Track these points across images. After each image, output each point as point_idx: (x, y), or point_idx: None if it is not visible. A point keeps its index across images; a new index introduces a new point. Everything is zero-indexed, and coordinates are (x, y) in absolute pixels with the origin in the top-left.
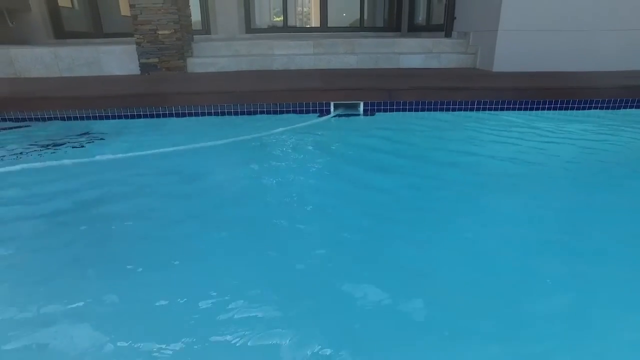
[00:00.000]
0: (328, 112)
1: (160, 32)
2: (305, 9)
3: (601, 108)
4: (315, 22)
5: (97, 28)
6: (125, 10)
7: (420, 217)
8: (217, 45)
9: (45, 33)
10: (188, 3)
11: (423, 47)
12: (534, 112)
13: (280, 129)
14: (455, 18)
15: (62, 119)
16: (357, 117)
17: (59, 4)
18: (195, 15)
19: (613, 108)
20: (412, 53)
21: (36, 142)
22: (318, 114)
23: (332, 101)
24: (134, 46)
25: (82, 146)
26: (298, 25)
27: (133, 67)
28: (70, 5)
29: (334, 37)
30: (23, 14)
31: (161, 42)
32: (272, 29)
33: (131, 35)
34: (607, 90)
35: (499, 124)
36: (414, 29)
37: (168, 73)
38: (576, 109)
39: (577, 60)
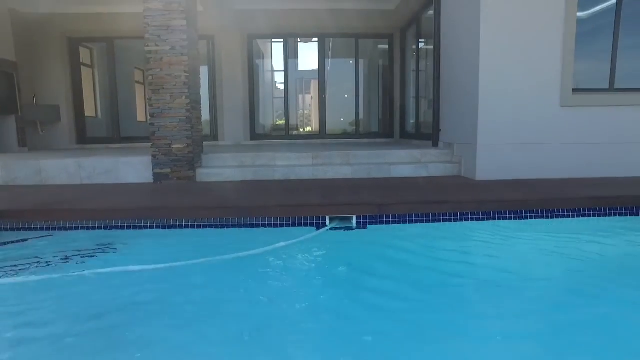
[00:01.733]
0: (324, 225)
1: (174, 146)
2: (306, 111)
3: (572, 217)
4: (315, 124)
5: (115, 133)
6: (141, 116)
7: (412, 321)
8: (224, 157)
9: (69, 139)
10: (200, 120)
11: (412, 157)
12: (513, 221)
13: (282, 244)
14: (440, 130)
15: (82, 228)
16: (350, 230)
17: (85, 114)
18: (205, 123)
19: (584, 216)
20: (402, 163)
21: (58, 251)
22: (315, 227)
23: (328, 215)
24: (150, 157)
25: (103, 254)
26: (299, 128)
27: (147, 175)
28: (94, 115)
29: (332, 145)
30: (53, 124)
31: (174, 155)
32: (275, 136)
33: (145, 138)
34: (577, 201)
35: (479, 233)
36: (406, 137)
37: (178, 182)
38: (549, 218)
39: (553, 169)
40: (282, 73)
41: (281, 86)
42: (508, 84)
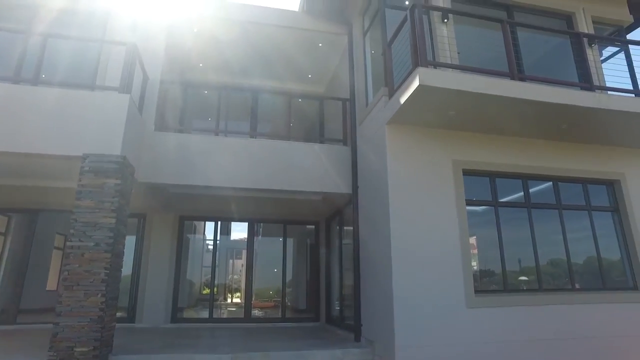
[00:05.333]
0: None
1: (77, 349)
2: (235, 276)
3: None
4: (243, 294)
5: (14, 308)
6: (52, 284)
7: None
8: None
9: None
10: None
11: (334, 357)
12: None
13: None
14: (362, 325)
15: None
16: None
17: None
18: (122, 296)
19: None
20: None
21: None
22: None
23: None
24: None
25: None
26: (227, 296)
27: None
28: None
29: (256, 331)
30: None
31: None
32: (198, 319)
33: (51, 310)
34: None
35: None
36: (332, 322)
37: None
38: None
39: None
40: (212, 243)
41: (211, 255)
42: (420, 286)
